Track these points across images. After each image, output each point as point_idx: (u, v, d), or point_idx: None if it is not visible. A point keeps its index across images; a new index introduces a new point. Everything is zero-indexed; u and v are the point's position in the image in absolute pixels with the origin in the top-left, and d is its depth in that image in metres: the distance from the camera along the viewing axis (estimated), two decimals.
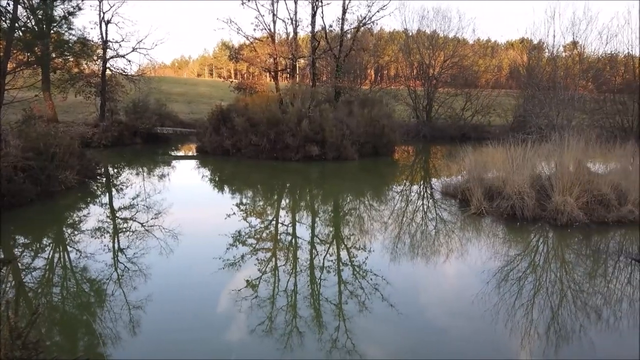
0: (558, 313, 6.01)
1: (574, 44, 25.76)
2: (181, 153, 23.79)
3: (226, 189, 14.77)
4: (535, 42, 28.55)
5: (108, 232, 9.47)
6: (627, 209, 10.03)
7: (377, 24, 33.87)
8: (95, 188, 13.60)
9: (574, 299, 6.55)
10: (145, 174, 16.92)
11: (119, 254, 8.02)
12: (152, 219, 10.21)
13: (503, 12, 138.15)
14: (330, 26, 23.41)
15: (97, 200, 12.26)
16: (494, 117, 30.33)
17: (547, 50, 27.26)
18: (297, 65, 27.77)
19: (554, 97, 22.07)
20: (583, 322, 5.74)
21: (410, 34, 32.66)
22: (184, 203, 12.31)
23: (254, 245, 8.63)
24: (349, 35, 23.74)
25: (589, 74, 25.02)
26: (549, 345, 5.16)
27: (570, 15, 55.18)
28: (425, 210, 12.01)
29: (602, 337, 5.40)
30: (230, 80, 24.94)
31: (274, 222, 10.62)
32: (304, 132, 18.86)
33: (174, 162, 20.11)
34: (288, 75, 24.83)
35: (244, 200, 13.04)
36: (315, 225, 10.59)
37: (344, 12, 22.57)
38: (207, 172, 17.77)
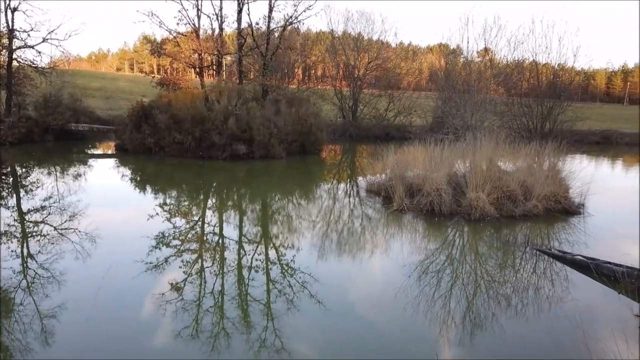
0: (473, 302, 6.45)
1: (486, 50, 27.64)
2: (99, 151, 22.45)
3: (148, 189, 14.16)
4: (451, 47, 30.33)
5: (16, 236, 8.72)
6: (532, 203, 10.96)
7: (303, 23, 34.20)
8: (0, 189, 12.47)
9: (487, 289, 7.06)
10: (58, 173, 15.76)
11: (29, 260, 7.42)
12: (66, 221, 9.55)
13: (423, 17, 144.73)
14: (257, 24, 23.29)
15: (2, 203, 11.24)
16: (415, 117, 31.72)
17: (462, 55, 29.01)
18: (224, 62, 27.27)
19: (468, 99, 23.54)
20: (495, 310, 6.20)
21: (336, 35, 33.28)
22: (102, 204, 11.64)
23: (178, 247, 8.37)
24: (276, 34, 23.70)
25: (499, 79, 26.96)
26: (465, 333, 5.53)
27: (482, 23, 58.92)
28: (351, 207, 12.32)
29: (511, 322, 5.87)
30: (153, 75, 23.89)
31: (199, 223, 10.37)
32: (230, 131, 18.57)
33: (90, 161, 18.91)
34: (214, 72, 24.29)
35: (168, 201, 12.58)
36: (243, 224, 10.50)
37: (271, 10, 22.53)
38: (127, 172, 16.91)
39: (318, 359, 4.98)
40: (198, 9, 21.91)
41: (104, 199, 12.32)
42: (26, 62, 22.83)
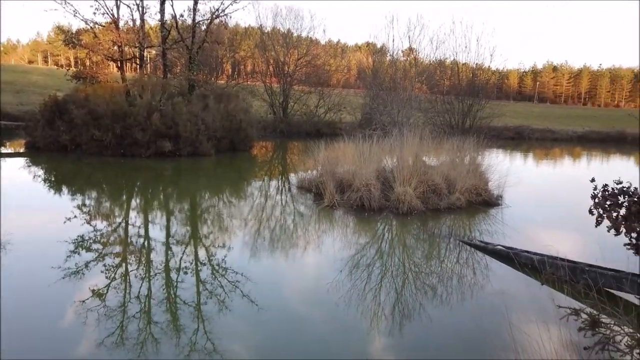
0: (401, 294, 6.66)
1: (411, 49, 28.70)
2: (7, 150, 20.57)
3: (64, 190, 13.18)
4: (378, 45, 31.15)
5: None
6: (455, 196, 11.53)
7: (231, 17, 33.40)
8: None
9: (415, 280, 7.32)
10: None
11: None
12: None
13: (351, 15, 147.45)
14: (182, 16, 22.42)
15: None
16: (345, 114, 32.26)
17: (388, 54, 29.87)
18: (147, 55, 26.04)
19: (395, 96, 24.32)
20: (422, 301, 6.45)
21: (266, 30, 32.97)
22: (11, 207, 10.64)
23: (100, 251, 7.87)
24: (202, 27, 22.98)
25: (422, 77, 28.12)
26: (394, 324, 5.69)
27: (406, 21, 61.15)
28: (283, 204, 12.27)
29: (437, 311, 6.13)
30: (68, 68, 22.25)
31: (123, 225, 9.82)
32: (154, 127, 17.78)
33: None
34: (137, 66, 23.09)
35: (87, 202, 11.80)
36: (171, 225, 10.09)
37: (196, 2, 21.77)
38: (39, 172, 15.63)
39: (251, 359, 4.90)
40: None
41: (14, 202, 11.28)
42: None
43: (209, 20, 22.42)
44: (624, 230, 3.87)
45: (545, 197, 14.70)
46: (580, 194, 15.24)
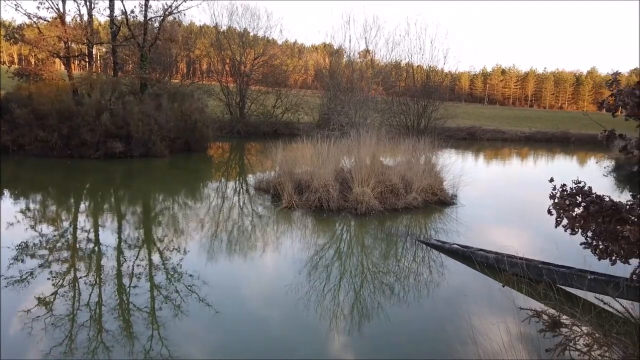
0: (360, 293, 6.71)
1: (367, 50, 29.07)
2: None
3: (6, 193, 12.42)
4: (335, 45, 31.29)
5: None
6: (412, 196, 11.73)
7: (185, 14, 32.63)
8: None
9: (373, 279, 7.39)
10: None
11: None
12: None
13: (308, 15, 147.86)
14: (132, 12, 21.66)
15: None
16: (302, 115, 32.23)
17: (345, 54, 30.12)
18: (97, 52, 25.05)
19: (352, 97, 24.54)
20: (380, 300, 6.51)
21: (221, 29, 32.44)
22: None
23: (46, 257, 7.46)
24: (155, 24, 22.31)
25: (378, 78, 28.52)
26: (353, 324, 5.72)
27: (363, 22, 61.79)
28: (240, 206, 12.10)
29: (395, 310, 6.21)
30: (10, 65, 21.01)
31: (71, 229, 9.37)
32: (104, 127, 17.08)
33: None
34: (85, 63, 22.13)
35: (32, 206, 11.18)
36: (122, 229, 9.72)
37: None
38: None
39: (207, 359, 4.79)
40: None
41: None
42: None
43: (161, 17, 21.80)
44: (580, 230, 4.04)
45: (496, 195, 15.26)
46: (529, 192, 15.99)
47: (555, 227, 4.23)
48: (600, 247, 3.98)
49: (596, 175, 19.67)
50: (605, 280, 6.04)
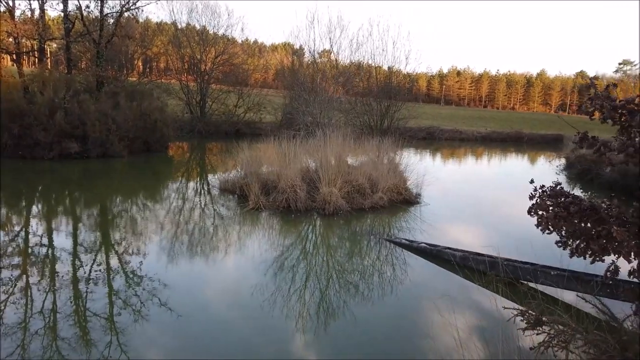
0: (326, 293, 6.73)
1: (328, 51, 29.15)
2: None
3: None
4: (298, 45, 31.24)
5: None
6: (378, 196, 11.83)
7: (142, 10, 31.44)
8: None
9: (338, 278, 7.43)
10: None
11: None
12: None
13: (271, 14, 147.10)
14: (88, 7, 20.91)
15: None
16: (265, 114, 31.99)
17: (309, 54, 30.08)
18: (48, 48, 24.03)
19: (316, 97, 24.55)
20: (346, 298, 6.55)
21: (180, 26, 31.76)
22: None
23: None
24: (111, 20, 21.58)
25: (343, 78, 28.65)
26: (319, 324, 5.73)
27: (327, 22, 61.94)
28: (205, 207, 11.88)
29: (360, 308, 6.27)
30: None
31: (22, 234, 8.93)
32: (59, 126, 16.40)
33: None
34: (36, 60, 21.14)
35: None
36: (78, 232, 9.35)
37: None
38: None
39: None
40: None
41: None
42: None
43: (118, 13, 21.12)
44: (553, 229, 4.19)
45: (458, 194, 15.64)
46: (490, 191, 16.50)
47: (537, 226, 4.35)
48: (582, 245, 4.13)
49: (549, 173, 20.51)
50: (567, 276, 6.31)
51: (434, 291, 6.99)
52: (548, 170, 22.23)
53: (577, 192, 13.84)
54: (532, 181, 4.51)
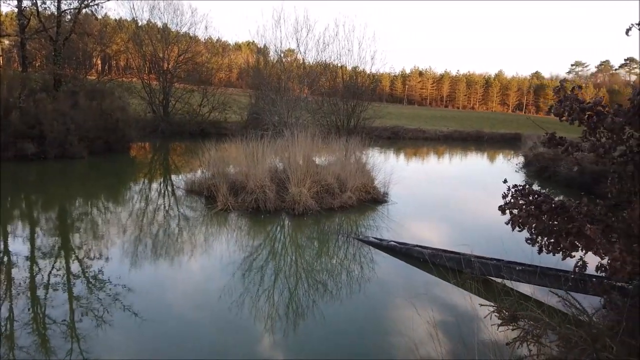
0: (295, 293, 6.74)
1: (292, 50, 29.11)
2: None
3: None
4: (262, 44, 30.99)
5: None
6: (347, 195, 11.88)
7: (102, 7, 30.32)
8: None
9: (307, 278, 7.45)
10: None
11: None
12: None
13: (236, 12, 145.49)
14: (44, 3, 20.09)
15: None
16: (231, 113, 31.63)
17: (274, 53, 29.93)
18: (1, 45, 23.00)
19: (283, 97, 24.46)
20: (315, 298, 6.58)
21: (140, 24, 31.00)
22: None
23: None
24: (69, 17, 20.83)
25: (309, 79, 28.66)
26: (289, 324, 5.73)
27: (293, 22, 61.74)
28: (168, 209, 11.64)
29: (329, 307, 6.30)
30: None
31: None
32: (13, 127, 15.74)
33: None
34: None
35: None
36: (36, 236, 9.01)
37: None
38: None
39: None
40: None
41: None
42: None
43: (76, 10, 20.41)
44: (523, 227, 4.31)
45: (424, 192, 15.96)
46: (454, 189, 16.89)
47: (508, 223, 4.46)
48: (552, 242, 4.26)
49: (508, 171, 21.21)
50: (532, 271, 6.55)
51: (402, 289, 7.11)
52: (507, 168, 22.98)
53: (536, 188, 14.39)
54: (505, 181, 4.64)
